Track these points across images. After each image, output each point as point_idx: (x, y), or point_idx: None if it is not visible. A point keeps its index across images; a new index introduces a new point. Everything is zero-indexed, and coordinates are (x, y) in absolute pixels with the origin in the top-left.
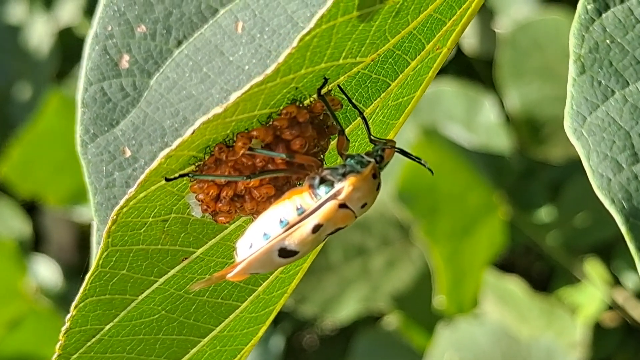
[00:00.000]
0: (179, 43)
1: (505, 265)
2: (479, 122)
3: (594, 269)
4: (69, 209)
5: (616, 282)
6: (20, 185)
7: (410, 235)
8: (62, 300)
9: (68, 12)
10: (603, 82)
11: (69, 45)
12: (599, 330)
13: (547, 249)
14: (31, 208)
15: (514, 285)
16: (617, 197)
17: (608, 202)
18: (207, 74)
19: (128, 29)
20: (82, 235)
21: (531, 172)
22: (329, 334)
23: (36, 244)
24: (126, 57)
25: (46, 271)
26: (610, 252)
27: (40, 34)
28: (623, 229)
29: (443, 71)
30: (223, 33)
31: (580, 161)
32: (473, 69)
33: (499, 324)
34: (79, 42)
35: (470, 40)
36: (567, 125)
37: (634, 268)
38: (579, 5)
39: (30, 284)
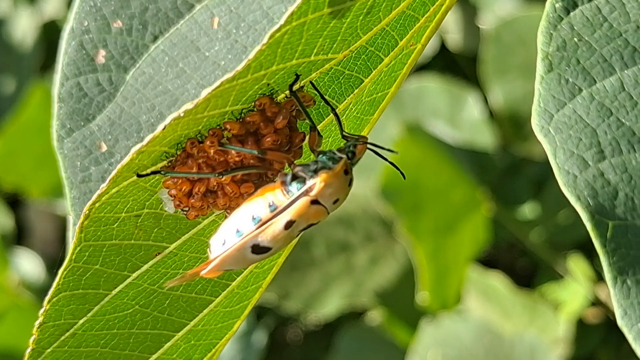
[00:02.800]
0: (155, 38)
1: (489, 261)
2: (462, 118)
3: (577, 266)
4: (52, 202)
5: (599, 278)
6: (2, 178)
7: (394, 232)
8: (44, 294)
9: (52, 5)
10: (570, 79)
11: (52, 39)
12: (581, 327)
13: (531, 245)
14: (14, 201)
15: (497, 281)
16: (583, 194)
17: (574, 199)
18: (183, 69)
19: (104, 24)
20: (65, 228)
21: (515, 169)
22: (313, 329)
23: (19, 237)
24: (102, 52)
25: (29, 265)
26: (593, 248)
27: (24, 27)
28: (588, 226)
29: (427, 67)
30: (199, 28)
31: None
32: (457, 65)
33: (482, 320)
34: None
35: (454, 36)
36: (535, 122)
37: None
38: (548, 4)
39: (13, 278)
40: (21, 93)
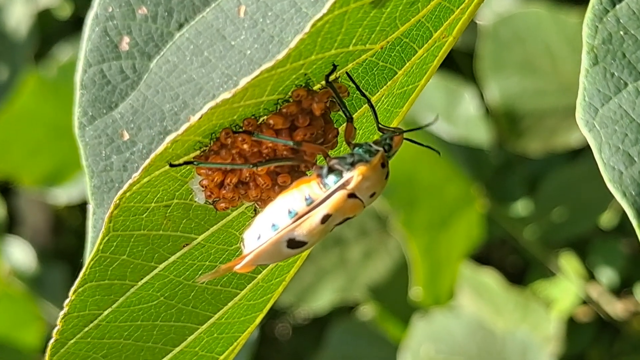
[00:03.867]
0: (180, 26)
1: (482, 258)
2: (458, 114)
3: (569, 264)
4: (44, 191)
5: (591, 277)
6: None
7: (388, 227)
8: (35, 283)
9: None
10: (616, 73)
11: (47, 27)
12: (572, 325)
13: (523, 243)
14: (6, 190)
15: (490, 278)
16: (629, 191)
17: (620, 195)
18: (208, 58)
19: (129, 10)
20: (57, 218)
21: (509, 166)
22: (303, 323)
23: (10, 226)
24: (126, 39)
25: (20, 254)
26: (586, 247)
27: (18, 15)
28: (634, 223)
29: None
30: (225, 17)
31: (558, 155)
32: (454, 61)
33: (474, 316)
34: (58, 24)
35: None
36: (579, 117)
37: (609, 263)
38: None
39: (4, 267)
40: (14, 81)
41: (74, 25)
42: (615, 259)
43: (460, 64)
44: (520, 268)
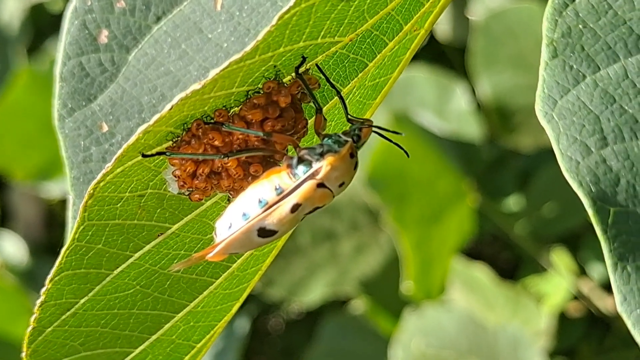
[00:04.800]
0: (158, 19)
1: (473, 252)
2: (450, 109)
3: (560, 259)
4: (36, 185)
5: (582, 272)
6: None
7: (379, 221)
8: (28, 277)
9: None
10: (575, 66)
11: (40, 21)
12: (563, 320)
13: (515, 238)
14: None
15: (481, 273)
16: (585, 180)
17: (576, 185)
18: (185, 51)
19: (107, 4)
20: (50, 212)
21: (501, 161)
22: (295, 317)
23: (2, 220)
24: (105, 32)
25: (12, 248)
26: (577, 242)
27: (11, 9)
28: (590, 212)
29: (415, 57)
30: (202, 10)
31: (550, 151)
32: (445, 56)
33: (465, 311)
34: (51, 18)
35: (443, 27)
36: (538, 108)
37: (600, 259)
38: None
39: None
40: (7, 76)
41: None
42: None
43: (452, 59)
44: (511, 263)
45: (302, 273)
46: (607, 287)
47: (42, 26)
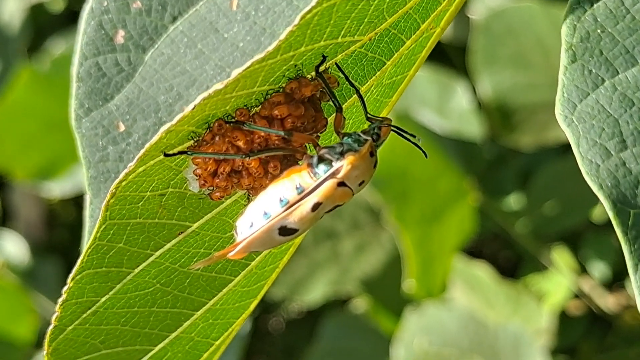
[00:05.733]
0: (174, 19)
1: (474, 251)
2: (451, 108)
3: (561, 257)
4: (37, 185)
5: (583, 270)
6: None
7: (381, 220)
8: (28, 276)
9: None
10: (594, 70)
11: (40, 21)
12: (564, 318)
13: (516, 236)
14: None
15: (482, 271)
16: (605, 183)
17: (596, 188)
18: (201, 51)
19: (124, 4)
20: (50, 211)
21: (501, 159)
22: (296, 316)
23: (4, 219)
24: (121, 33)
25: (13, 247)
26: (578, 240)
27: (11, 9)
28: (611, 214)
29: None
30: (218, 10)
31: (550, 149)
32: (446, 55)
33: (466, 309)
34: (51, 18)
35: None
36: (558, 112)
37: (601, 257)
38: None
39: None
40: (8, 75)
41: (67, 19)
42: (607, 252)
43: (453, 58)
44: (512, 261)
45: (304, 272)
46: (607, 285)
47: (42, 26)
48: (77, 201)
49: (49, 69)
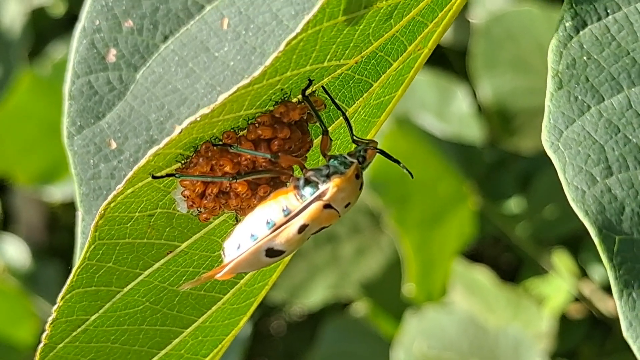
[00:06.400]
0: (165, 38)
1: (474, 255)
2: (451, 112)
3: (561, 261)
4: (38, 189)
5: (583, 274)
6: None
7: (381, 223)
8: (30, 280)
9: None
10: (579, 97)
11: (41, 25)
12: (565, 322)
13: (516, 240)
14: (0, 187)
15: (482, 275)
16: (591, 209)
17: (582, 214)
18: (192, 69)
19: (115, 23)
20: (52, 215)
21: (502, 163)
22: (297, 320)
23: (5, 223)
24: (113, 51)
25: (14, 251)
26: (578, 244)
27: (12, 13)
28: (596, 240)
29: None
30: (209, 29)
31: None
32: (446, 59)
33: (466, 313)
34: (52, 22)
35: None
36: (545, 138)
37: (601, 261)
38: (558, 23)
39: None
40: (9, 79)
41: (68, 24)
42: None
43: (453, 62)
44: (512, 265)
45: (304, 275)
46: (608, 289)
47: (43, 30)
48: None
49: (50, 73)
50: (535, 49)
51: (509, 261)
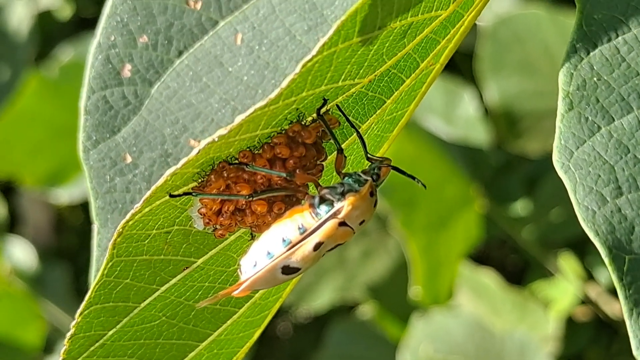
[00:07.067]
0: (180, 53)
1: (480, 257)
2: (457, 114)
3: (567, 264)
4: (45, 191)
5: (589, 277)
6: None
7: (387, 226)
8: (37, 282)
9: None
10: (590, 118)
11: (48, 28)
12: (571, 325)
13: (522, 243)
14: (7, 189)
15: (488, 278)
16: (601, 229)
17: (593, 234)
18: (206, 84)
19: (130, 39)
20: (59, 217)
21: (508, 166)
22: (303, 322)
23: (12, 225)
24: (128, 67)
25: (21, 253)
26: (584, 247)
27: (19, 16)
28: (606, 260)
29: None
30: (223, 44)
31: None
32: (453, 62)
33: (473, 316)
34: (59, 25)
35: None
36: (556, 159)
37: None
38: (568, 45)
39: (5, 266)
40: (16, 82)
41: (75, 26)
42: None
43: (459, 65)
44: (519, 268)
45: (311, 278)
46: (614, 292)
47: (50, 33)
48: (85, 207)
49: (57, 76)
50: (542, 52)
51: (515, 264)
